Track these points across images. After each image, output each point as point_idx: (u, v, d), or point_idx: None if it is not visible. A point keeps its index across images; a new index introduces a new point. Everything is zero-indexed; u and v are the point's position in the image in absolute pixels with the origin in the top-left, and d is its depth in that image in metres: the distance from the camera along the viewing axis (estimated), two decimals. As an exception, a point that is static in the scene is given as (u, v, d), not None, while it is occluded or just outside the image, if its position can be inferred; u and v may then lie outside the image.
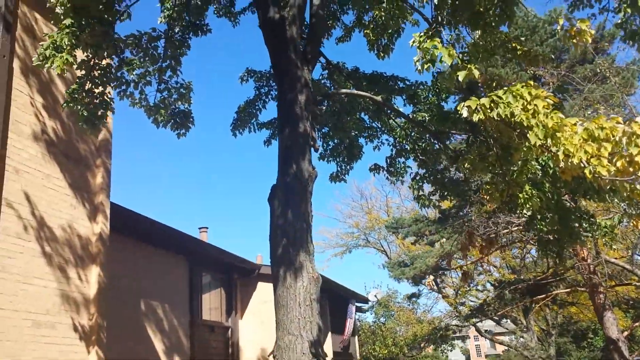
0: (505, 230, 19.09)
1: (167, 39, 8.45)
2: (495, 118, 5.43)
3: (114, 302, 11.52)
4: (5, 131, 8.38)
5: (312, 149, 7.67)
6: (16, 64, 8.79)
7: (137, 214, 13.34)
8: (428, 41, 5.69)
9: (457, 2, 6.96)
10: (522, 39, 9.12)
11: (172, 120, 8.07)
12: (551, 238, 8.98)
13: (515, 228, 18.54)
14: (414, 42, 5.87)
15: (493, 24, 6.76)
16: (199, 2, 8.83)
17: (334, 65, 10.33)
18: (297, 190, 7.23)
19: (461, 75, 5.70)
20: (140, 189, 63.44)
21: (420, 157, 9.98)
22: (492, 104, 5.46)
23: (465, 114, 5.57)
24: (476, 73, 5.72)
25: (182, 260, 15.98)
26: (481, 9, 6.62)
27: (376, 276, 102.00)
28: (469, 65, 5.70)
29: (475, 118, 5.51)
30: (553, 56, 17.59)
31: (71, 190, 9.61)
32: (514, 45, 8.15)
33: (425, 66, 5.68)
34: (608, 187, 6.06)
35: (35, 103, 9.11)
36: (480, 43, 7.30)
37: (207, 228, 22.50)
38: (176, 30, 8.75)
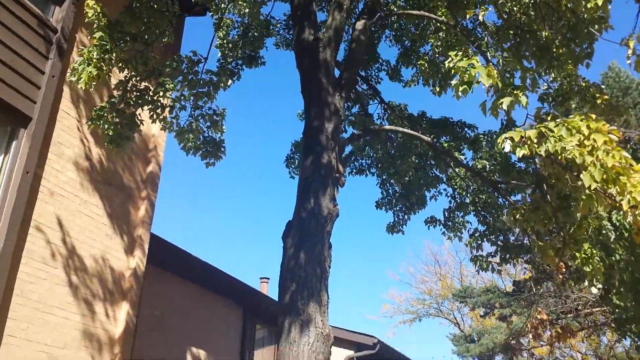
0: (587, 311, 17.11)
1: (220, 68, 8.16)
2: (543, 154, 4.51)
3: (155, 342, 10.96)
4: (45, 151, 8.20)
5: (338, 185, 6.87)
6: (67, 89, 8.73)
7: (190, 254, 12.90)
8: (464, 59, 4.90)
9: (521, 34, 6.19)
10: (606, 90, 8.13)
11: (203, 148, 7.62)
12: (627, 316, 7.67)
13: (598, 309, 16.55)
14: (449, 62, 5.09)
15: (562, 59, 5.86)
16: (256, 34, 8.53)
17: (390, 105, 9.64)
18: (312, 229, 6.37)
19: (505, 102, 4.82)
20: (199, 228, 64.52)
21: (482, 212, 8.96)
22: (540, 137, 4.56)
23: (507, 148, 4.69)
24: (524, 100, 4.84)
25: (236, 309, 15.25)
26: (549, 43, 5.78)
27: (446, 351, 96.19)
28: (515, 92, 4.83)
29: (518, 153, 4.61)
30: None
31: (109, 219, 9.24)
32: (593, 92, 7.20)
33: (461, 88, 4.87)
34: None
35: (83, 128, 8.95)
36: (559, 83, 6.41)
37: (268, 279, 21.90)
38: (229, 60, 8.49)
